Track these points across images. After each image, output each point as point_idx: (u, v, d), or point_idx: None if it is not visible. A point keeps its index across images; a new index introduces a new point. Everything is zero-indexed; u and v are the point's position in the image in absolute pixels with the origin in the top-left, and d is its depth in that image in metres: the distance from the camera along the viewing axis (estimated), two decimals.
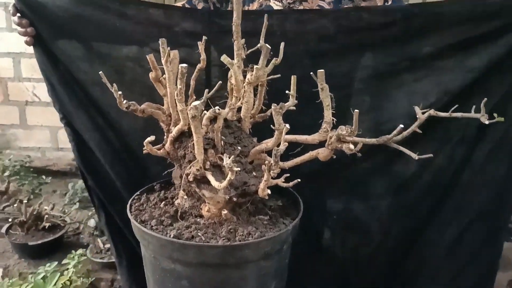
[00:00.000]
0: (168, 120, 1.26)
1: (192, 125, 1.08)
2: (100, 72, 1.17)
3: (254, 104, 1.26)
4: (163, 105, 1.30)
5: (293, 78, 1.11)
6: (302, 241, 1.34)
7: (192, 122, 1.07)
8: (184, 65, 1.09)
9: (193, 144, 1.13)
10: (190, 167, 1.15)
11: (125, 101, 1.20)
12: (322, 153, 1.17)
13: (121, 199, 1.57)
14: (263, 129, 1.27)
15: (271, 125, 1.11)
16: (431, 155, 1.13)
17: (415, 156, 1.11)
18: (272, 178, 1.10)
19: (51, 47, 1.49)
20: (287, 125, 1.08)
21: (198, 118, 1.06)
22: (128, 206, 1.28)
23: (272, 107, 1.08)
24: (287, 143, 1.06)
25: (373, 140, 1.16)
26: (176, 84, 1.11)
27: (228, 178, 1.05)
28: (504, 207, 1.49)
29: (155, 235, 1.12)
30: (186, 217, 1.22)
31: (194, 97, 1.34)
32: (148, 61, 1.21)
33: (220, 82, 1.28)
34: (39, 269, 1.99)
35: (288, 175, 1.14)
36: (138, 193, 1.37)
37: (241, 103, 1.24)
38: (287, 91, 1.13)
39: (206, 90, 1.12)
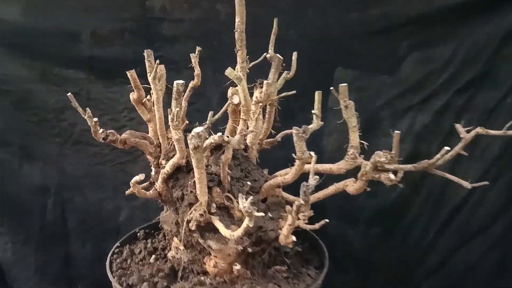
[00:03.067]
0: (157, 152, 1.00)
1: (194, 158, 0.83)
2: (69, 94, 0.90)
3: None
4: (147, 133, 1.05)
5: (318, 95, 0.89)
6: None
7: (194, 154, 0.82)
8: (181, 81, 0.85)
9: (194, 182, 0.88)
10: (191, 212, 0.89)
11: (101, 130, 0.93)
12: (352, 186, 0.94)
13: None
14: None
15: (293, 154, 0.88)
16: (486, 182, 0.93)
17: (467, 185, 0.91)
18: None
19: None
20: (313, 153, 0.86)
21: (201, 149, 0.82)
22: (107, 264, 1.00)
23: (294, 131, 0.85)
24: (318, 177, 0.83)
25: (409, 167, 0.95)
26: (170, 106, 0.86)
27: (244, 225, 0.80)
28: None
29: None
30: (186, 275, 0.96)
31: (186, 121, 1.09)
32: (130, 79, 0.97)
33: (226, 104, 1.04)
34: None
35: (312, 214, 0.90)
36: (118, 244, 1.09)
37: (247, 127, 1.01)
38: (312, 111, 0.90)
39: (211, 113, 0.87)
